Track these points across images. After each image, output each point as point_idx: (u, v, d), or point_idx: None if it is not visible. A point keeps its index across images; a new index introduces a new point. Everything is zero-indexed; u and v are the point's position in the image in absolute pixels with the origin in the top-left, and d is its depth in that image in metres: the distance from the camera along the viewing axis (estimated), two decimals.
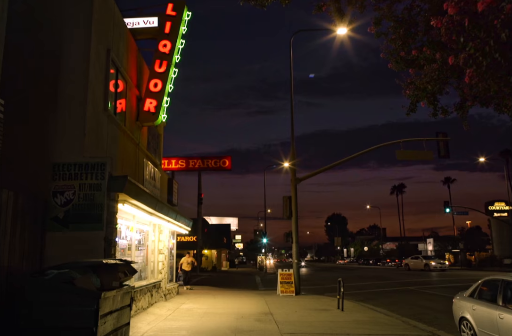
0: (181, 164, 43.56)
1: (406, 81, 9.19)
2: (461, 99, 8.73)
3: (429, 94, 8.68)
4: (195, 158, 43.88)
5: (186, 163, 43.46)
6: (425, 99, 8.88)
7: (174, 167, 43.01)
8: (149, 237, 14.56)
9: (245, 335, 9.34)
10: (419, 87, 8.65)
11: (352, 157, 21.96)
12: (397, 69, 9.05)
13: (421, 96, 8.84)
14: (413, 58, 8.44)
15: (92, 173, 8.67)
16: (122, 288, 7.07)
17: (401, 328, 10.61)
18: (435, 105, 9.06)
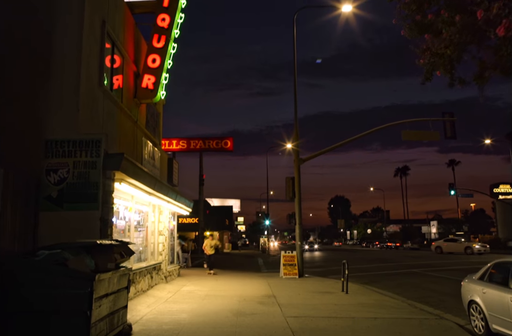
0: (182, 145, 43.15)
1: (421, 47, 8.60)
2: (479, 69, 8.19)
3: (447, 62, 8.13)
4: (196, 139, 43.43)
5: (187, 144, 43.05)
6: (441, 67, 8.33)
7: (175, 148, 42.65)
8: (148, 217, 14.23)
9: (248, 318, 9.06)
10: (436, 54, 8.09)
11: (356, 138, 21.49)
12: (411, 36, 8.47)
13: (437, 64, 8.29)
14: (429, 22, 7.87)
15: (87, 150, 8.26)
16: (118, 270, 6.73)
17: (407, 311, 10.32)
18: (452, 75, 8.51)
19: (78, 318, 5.56)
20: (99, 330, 5.95)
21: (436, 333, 8.09)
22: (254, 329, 8.01)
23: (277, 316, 9.41)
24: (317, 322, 8.81)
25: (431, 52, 8.22)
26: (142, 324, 8.44)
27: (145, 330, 7.94)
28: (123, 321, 7.12)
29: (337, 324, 8.64)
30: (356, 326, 8.44)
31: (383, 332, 7.99)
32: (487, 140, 42.95)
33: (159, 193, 12.01)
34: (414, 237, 78.98)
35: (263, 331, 7.85)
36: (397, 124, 21.40)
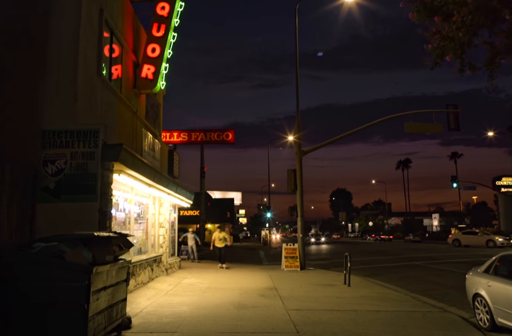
0: (183, 138, 42.93)
1: (430, 30, 8.32)
2: (490, 54, 7.94)
3: (457, 46, 7.88)
4: (197, 131, 43.23)
5: (188, 136, 42.84)
6: (451, 52, 8.07)
7: (176, 140, 42.44)
8: (149, 210, 14.10)
9: (249, 311, 8.94)
10: (446, 37, 7.83)
11: (358, 130, 21.28)
12: (419, 20, 8.18)
13: (447, 48, 8.03)
14: (439, 4, 7.59)
15: (85, 140, 8.09)
16: (117, 262, 6.60)
17: (411, 304, 10.20)
18: (462, 60, 8.26)
19: (76, 311, 5.43)
20: (97, 324, 5.82)
21: (439, 326, 7.96)
22: (256, 322, 7.89)
23: (279, 309, 9.29)
24: (320, 315, 8.69)
25: (441, 36, 7.92)
26: (142, 317, 8.33)
27: (144, 323, 7.82)
28: (122, 314, 6.99)
29: (340, 317, 8.52)
30: (359, 319, 8.32)
31: (386, 325, 7.86)
32: (489, 132, 42.69)
33: (159, 185, 11.85)
34: (415, 229, 78.95)
35: (264, 324, 7.73)
36: (399, 116, 21.19)
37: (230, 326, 7.55)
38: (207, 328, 7.40)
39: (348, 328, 7.57)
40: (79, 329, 5.41)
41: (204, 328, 7.43)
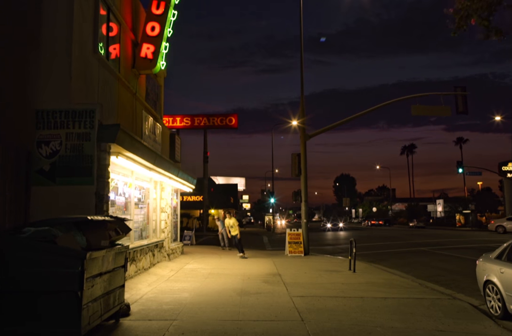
0: (186, 123, 42.62)
1: None
2: None
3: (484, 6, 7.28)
4: (200, 116, 42.86)
5: (191, 121, 42.51)
6: (476, 14, 7.51)
7: (179, 125, 42.13)
8: (150, 194, 13.80)
9: (252, 298, 8.67)
10: None
11: (365, 113, 20.83)
12: None
13: (473, 9, 7.45)
14: None
15: (80, 121, 7.74)
16: (113, 247, 6.30)
17: (418, 291, 9.91)
18: (488, 22, 7.63)
19: (69, 299, 5.14)
20: (92, 311, 5.55)
21: (449, 314, 7.68)
22: (259, 310, 7.62)
23: (283, 295, 9.03)
24: (325, 302, 8.42)
25: None
26: (141, 304, 8.07)
27: (144, 310, 7.56)
28: (120, 301, 6.72)
29: (346, 304, 8.24)
30: (366, 307, 8.04)
31: (394, 313, 7.58)
32: (497, 117, 42.02)
33: (160, 168, 11.54)
34: (419, 215, 78.67)
35: (268, 312, 7.46)
36: (407, 98, 20.71)
37: (232, 314, 7.28)
38: (208, 316, 7.13)
39: (354, 316, 7.29)
40: (72, 317, 5.14)
41: (205, 315, 7.16)
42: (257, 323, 6.69)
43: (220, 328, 6.35)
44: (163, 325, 6.49)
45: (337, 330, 6.36)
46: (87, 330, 5.38)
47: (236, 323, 6.66)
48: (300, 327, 6.48)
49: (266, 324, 6.60)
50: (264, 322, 6.72)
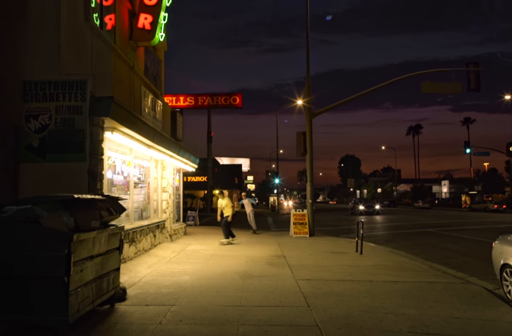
0: (189, 102, 42.06)
1: None
2: None
3: None
4: (204, 96, 42.24)
5: (195, 100, 41.97)
6: None
7: (182, 104, 41.61)
8: (150, 173, 13.32)
9: (255, 281, 8.26)
10: None
11: (372, 90, 20.10)
12: None
13: None
14: None
15: (71, 93, 7.21)
16: (106, 228, 5.85)
17: (429, 274, 9.48)
18: None
19: (55, 285, 4.71)
20: (82, 297, 5.12)
21: (463, 299, 7.23)
22: (262, 294, 7.20)
23: (288, 279, 8.61)
24: (332, 286, 7.99)
25: None
26: (139, 287, 7.67)
27: (141, 294, 7.16)
28: (115, 285, 6.31)
29: (354, 288, 7.81)
30: (375, 291, 7.61)
31: (405, 298, 7.15)
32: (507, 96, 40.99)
33: (160, 146, 11.03)
34: (425, 196, 78.25)
35: (271, 296, 7.04)
36: (417, 75, 19.95)
37: (234, 298, 6.87)
38: (208, 301, 6.72)
39: (363, 301, 6.86)
40: (59, 304, 4.71)
41: (206, 300, 6.75)
42: (260, 309, 6.27)
43: (221, 314, 5.93)
44: (160, 311, 6.08)
45: (346, 317, 5.93)
46: (76, 317, 4.96)
47: (238, 309, 6.24)
48: (307, 314, 6.06)
49: (270, 311, 6.18)
50: (268, 308, 6.30)
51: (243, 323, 5.56)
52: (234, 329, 5.30)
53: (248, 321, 5.63)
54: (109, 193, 9.79)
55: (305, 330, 5.31)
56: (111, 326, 5.38)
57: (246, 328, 5.35)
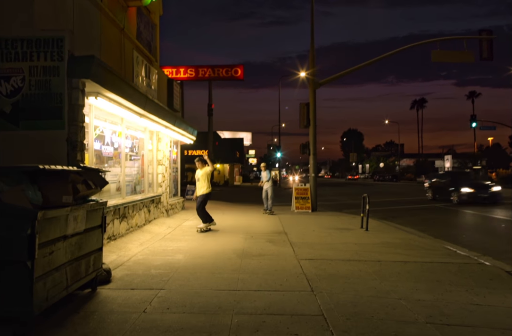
0: (190, 74, 40.94)
1: None
2: None
3: None
4: (205, 67, 41.04)
5: (195, 72, 40.84)
6: None
7: (182, 76, 40.53)
8: (145, 145, 12.58)
9: (254, 261, 7.63)
10: None
11: (378, 59, 19.07)
12: None
13: None
14: None
15: (46, 51, 6.39)
16: (83, 204, 5.14)
17: (441, 253, 8.83)
18: None
19: (16, 270, 4.03)
20: (53, 284, 4.46)
21: (481, 282, 6.59)
22: (261, 276, 6.56)
23: (289, 258, 7.97)
24: (337, 266, 7.35)
25: None
26: (127, 268, 7.04)
27: (128, 275, 6.53)
28: (97, 267, 5.66)
29: (361, 269, 7.17)
30: (384, 272, 6.97)
31: (418, 280, 6.51)
32: None
33: (153, 115, 10.26)
34: (427, 171, 77.45)
35: (271, 279, 6.40)
36: (427, 43, 18.96)
37: (229, 281, 6.23)
38: (201, 284, 6.08)
39: (372, 285, 6.22)
40: (22, 293, 4.04)
41: (198, 283, 6.11)
42: (259, 294, 5.63)
43: (214, 300, 5.29)
44: (146, 296, 5.44)
45: (354, 304, 5.28)
46: (45, 307, 4.30)
47: (233, 294, 5.60)
48: (310, 300, 5.40)
49: (269, 296, 5.53)
50: (267, 293, 5.65)
51: (239, 311, 4.91)
52: (228, 319, 4.65)
53: (244, 309, 4.98)
54: (98, 166, 9.09)
55: (309, 320, 4.66)
56: (87, 315, 4.74)
57: (241, 318, 4.71)
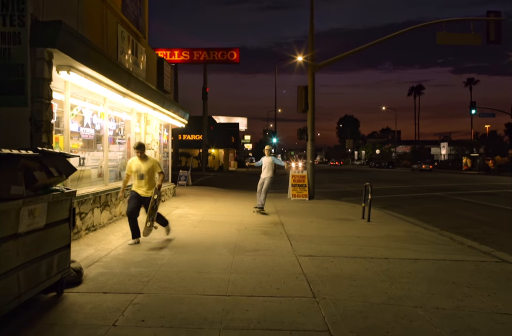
0: (184, 57, 40.04)
1: None
2: None
3: None
4: (200, 50, 40.11)
5: (190, 55, 39.93)
6: None
7: (177, 59, 39.70)
8: (131, 128, 11.68)
9: (247, 258, 6.82)
10: None
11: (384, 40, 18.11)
12: None
13: None
14: None
15: (5, 15, 5.45)
16: (42, 196, 4.29)
17: (452, 248, 8.06)
18: None
19: None
20: (1, 292, 3.64)
21: (503, 284, 5.82)
22: (255, 277, 5.75)
23: (287, 254, 7.17)
24: (340, 265, 6.55)
25: None
26: (104, 264, 6.22)
27: (103, 274, 5.71)
28: (62, 268, 4.83)
29: (368, 268, 6.38)
30: (394, 272, 6.19)
31: (432, 282, 5.73)
32: None
33: (138, 95, 9.34)
34: (424, 158, 76.93)
35: (267, 280, 5.59)
36: (433, 24, 18.00)
37: (219, 283, 5.41)
38: (185, 287, 5.26)
39: (382, 288, 5.43)
40: None
41: (182, 286, 5.29)
42: (252, 300, 4.82)
43: (199, 309, 4.48)
44: (120, 303, 4.62)
45: (364, 315, 4.48)
46: None
47: (222, 300, 4.78)
48: (312, 309, 4.60)
49: (264, 304, 4.72)
50: (262, 300, 4.84)
51: (228, 325, 4.11)
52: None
53: (235, 322, 4.17)
54: (76, 149, 8.22)
55: None
56: (44, 330, 3.91)
57: (231, 334, 3.90)
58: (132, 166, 7.80)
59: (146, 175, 7.73)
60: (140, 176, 7.72)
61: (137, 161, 7.79)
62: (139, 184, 7.77)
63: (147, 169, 7.75)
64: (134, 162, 7.82)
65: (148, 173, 7.75)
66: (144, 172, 7.73)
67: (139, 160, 7.77)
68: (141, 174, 7.72)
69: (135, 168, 7.75)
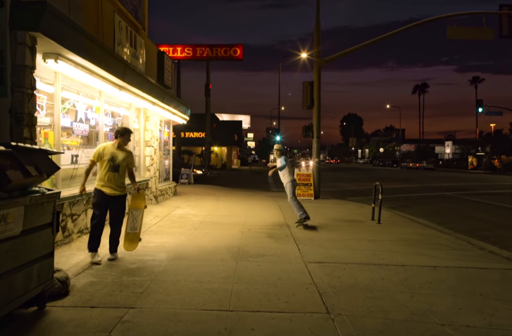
0: (187, 53, 39.48)
1: None
2: None
3: None
4: (203, 46, 39.56)
5: (193, 51, 39.38)
6: None
7: (179, 55, 39.15)
8: (130, 124, 11.11)
9: (252, 265, 6.25)
10: None
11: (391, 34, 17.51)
12: None
13: None
14: None
15: None
16: (17, 198, 3.72)
17: (473, 254, 7.47)
18: None
19: None
20: None
21: None
22: (260, 287, 5.18)
23: (294, 260, 6.60)
24: (353, 272, 5.98)
25: None
26: (94, 273, 5.66)
27: (93, 284, 5.15)
28: (44, 279, 4.27)
29: (384, 277, 5.80)
30: (413, 282, 5.61)
31: (456, 294, 5.15)
32: None
33: (135, 88, 8.77)
34: (428, 157, 76.19)
35: (274, 292, 5.02)
36: (444, 17, 17.33)
37: (221, 295, 4.84)
38: (183, 299, 4.68)
39: (402, 301, 4.85)
40: None
41: (180, 298, 4.72)
42: (258, 317, 4.25)
43: (197, 329, 3.91)
44: (107, 321, 4.06)
45: (387, 335, 3.91)
46: None
47: (224, 317, 4.21)
48: (327, 328, 4.03)
49: (272, 321, 4.15)
50: (269, 316, 4.27)
51: None
52: None
53: None
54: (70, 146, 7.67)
55: None
56: None
57: None
58: (104, 153, 6.14)
59: (121, 167, 6.21)
60: (114, 166, 6.11)
61: (112, 148, 6.21)
62: (109, 177, 6.12)
63: (123, 159, 6.22)
64: (108, 149, 6.19)
65: (122, 164, 6.23)
66: (119, 162, 6.18)
67: (115, 148, 6.23)
68: (116, 165, 6.14)
69: (109, 156, 6.11)
